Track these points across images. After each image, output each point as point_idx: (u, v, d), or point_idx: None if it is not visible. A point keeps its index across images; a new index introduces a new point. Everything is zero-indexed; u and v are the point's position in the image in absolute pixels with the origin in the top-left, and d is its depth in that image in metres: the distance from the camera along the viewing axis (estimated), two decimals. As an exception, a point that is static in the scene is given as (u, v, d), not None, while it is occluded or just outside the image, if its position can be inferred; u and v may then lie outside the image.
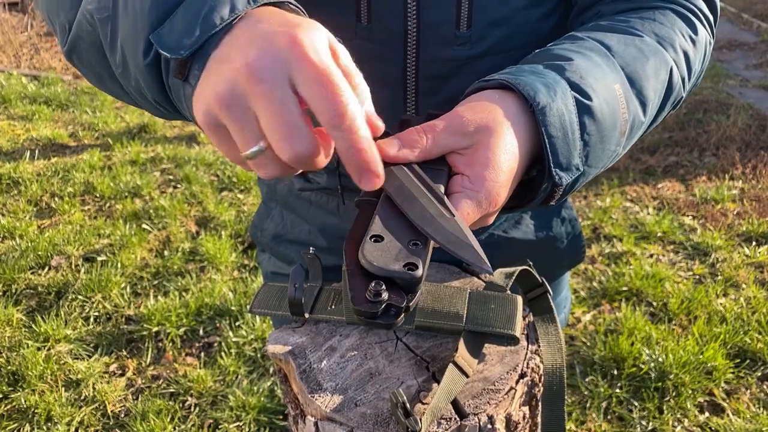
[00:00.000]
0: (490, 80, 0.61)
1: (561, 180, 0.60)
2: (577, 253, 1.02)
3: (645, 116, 0.69)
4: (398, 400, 0.52)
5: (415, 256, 0.50)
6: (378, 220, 0.53)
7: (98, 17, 0.57)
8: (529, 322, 0.69)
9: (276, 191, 1.01)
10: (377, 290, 0.48)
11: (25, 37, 6.40)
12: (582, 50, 0.66)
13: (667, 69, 0.70)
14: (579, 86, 0.61)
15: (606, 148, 0.64)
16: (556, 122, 0.58)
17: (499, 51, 0.77)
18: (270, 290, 0.73)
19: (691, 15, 0.75)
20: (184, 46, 0.50)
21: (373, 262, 0.49)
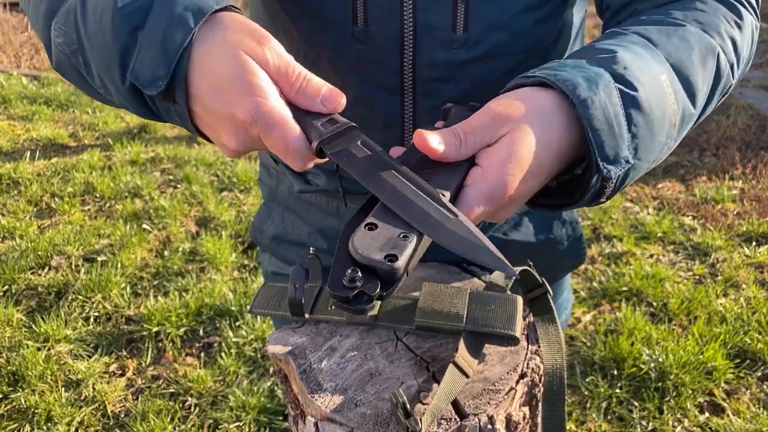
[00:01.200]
0: (530, 77, 0.61)
1: (610, 173, 0.59)
2: (577, 256, 1.02)
3: (695, 106, 0.67)
4: (398, 400, 0.52)
5: (398, 249, 0.51)
6: (378, 208, 0.54)
7: (68, 50, 0.60)
8: (529, 323, 0.69)
9: (277, 193, 1.01)
10: (352, 276, 0.50)
11: (26, 37, 6.40)
12: (624, 43, 0.65)
13: (714, 56, 0.68)
14: (623, 77, 0.60)
15: (656, 140, 0.63)
16: (600, 115, 0.57)
17: (496, 54, 0.77)
18: (270, 290, 0.73)
19: (734, 0, 0.73)
20: (160, 77, 0.55)
21: (358, 249, 0.50)
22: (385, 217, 0.53)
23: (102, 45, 0.57)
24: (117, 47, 0.56)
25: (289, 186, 0.96)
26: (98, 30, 0.57)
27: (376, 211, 0.54)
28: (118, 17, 0.55)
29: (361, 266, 0.50)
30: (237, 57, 0.54)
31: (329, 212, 0.93)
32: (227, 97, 0.55)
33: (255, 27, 0.57)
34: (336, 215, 0.93)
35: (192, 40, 0.55)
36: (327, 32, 0.77)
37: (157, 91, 0.55)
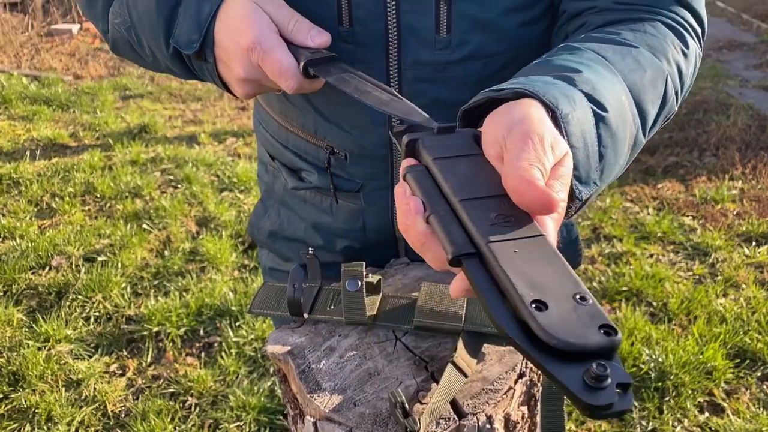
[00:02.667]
0: (503, 89, 0.56)
1: (581, 194, 0.55)
2: (573, 258, 1.02)
3: (644, 129, 0.66)
4: (397, 399, 0.53)
5: (596, 316, 0.39)
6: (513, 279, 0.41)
7: (123, 28, 0.76)
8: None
9: (273, 189, 1.02)
10: (600, 374, 0.37)
11: (26, 38, 6.40)
12: (585, 61, 0.63)
13: (663, 81, 0.68)
14: (593, 97, 0.58)
15: (617, 161, 0.61)
16: (577, 132, 0.55)
17: (480, 56, 0.77)
18: (269, 290, 0.74)
19: (680, 27, 0.73)
20: (193, 41, 0.70)
21: (569, 339, 0.38)
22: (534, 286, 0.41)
23: (150, 21, 0.72)
24: (162, 21, 0.71)
25: (284, 183, 0.97)
26: (146, 9, 0.72)
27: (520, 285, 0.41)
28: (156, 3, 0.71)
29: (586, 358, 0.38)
30: (246, 4, 0.68)
31: (323, 209, 0.94)
32: (236, 31, 0.67)
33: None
34: (329, 212, 0.94)
35: (217, 10, 0.69)
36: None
37: (192, 51, 0.70)
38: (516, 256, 0.42)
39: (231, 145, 4.15)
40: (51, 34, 6.57)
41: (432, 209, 0.48)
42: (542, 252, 0.43)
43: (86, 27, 6.77)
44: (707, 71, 5.30)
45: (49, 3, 6.97)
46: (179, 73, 0.77)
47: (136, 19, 0.74)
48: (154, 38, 0.73)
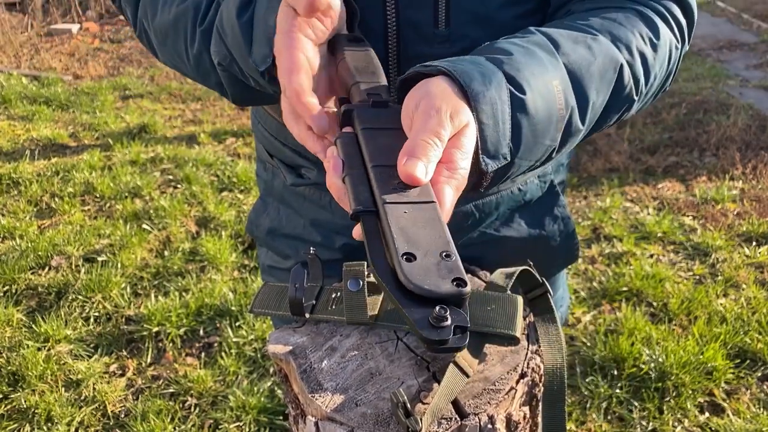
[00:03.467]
0: (430, 66, 0.62)
1: (487, 167, 0.60)
2: (570, 252, 1.02)
3: (586, 114, 0.69)
4: (399, 399, 0.52)
5: (454, 270, 0.47)
6: (395, 234, 0.49)
7: (224, 65, 0.72)
8: (529, 323, 0.69)
9: (272, 187, 1.02)
10: (440, 315, 0.45)
11: (25, 38, 6.40)
12: (527, 45, 0.66)
13: (615, 70, 0.70)
14: (514, 78, 0.62)
15: (539, 142, 0.65)
16: (488, 110, 0.59)
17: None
18: (270, 290, 0.73)
19: (657, 18, 0.75)
20: (265, 57, 0.66)
21: (423, 285, 0.46)
22: (411, 242, 0.49)
23: (239, 48, 0.68)
24: (246, 46, 0.67)
25: (283, 179, 0.97)
26: (234, 40, 0.69)
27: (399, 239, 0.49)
28: (239, 27, 0.68)
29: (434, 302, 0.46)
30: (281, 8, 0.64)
31: (322, 205, 0.94)
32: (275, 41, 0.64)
33: None
34: (328, 208, 0.94)
35: None
36: None
37: (265, 67, 0.65)
38: (404, 216, 0.50)
39: (231, 145, 4.15)
40: (51, 34, 6.57)
41: (348, 171, 0.56)
42: (428, 216, 0.51)
43: (86, 27, 6.78)
44: (707, 71, 5.30)
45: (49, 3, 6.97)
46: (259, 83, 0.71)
47: (231, 49, 0.70)
48: (246, 65, 0.69)
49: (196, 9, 0.75)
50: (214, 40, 0.73)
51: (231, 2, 0.70)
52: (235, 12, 0.68)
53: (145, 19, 0.82)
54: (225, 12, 0.71)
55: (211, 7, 0.74)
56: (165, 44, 0.81)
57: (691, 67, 5.40)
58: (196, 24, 0.74)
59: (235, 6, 0.69)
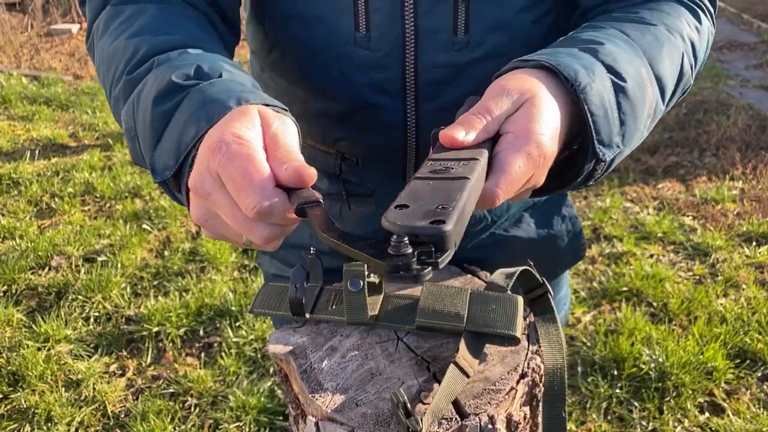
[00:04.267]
0: (529, 60, 0.63)
1: (605, 156, 0.62)
2: (577, 251, 1.03)
3: (664, 99, 0.71)
4: (399, 400, 0.52)
5: (443, 215, 0.45)
6: (402, 194, 0.50)
7: (129, 137, 0.66)
8: (529, 323, 0.69)
9: None
10: (399, 242, 0.44)
11: (25, 38, 6.40)
12: (608, 36, 0.68)
13: (679, 56, 0.72)
14: (614, 68, 0.63)
15: (638, 127, 0.66)
16: (597, 101, 0.60)
17: (497, 55, 0.77)
18: (271, 290, 0.73)
19: (695, 6, 0.78)
20: (169, 167, 0.58)
21: (397, 221, 0.45)
22: (413, 197, 0.49)
23: (145, 134, 0.62)
24: (152, 139, 0.61)
25: None
26: (143, 122, 0.62)
27: (402, 195, 0.49)
28: (153, 117, 0.61)
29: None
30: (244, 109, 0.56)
31: (332, 214, 0.93)
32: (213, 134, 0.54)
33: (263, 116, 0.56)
34: (338, 218, 0.93)
35: (204, 135, 0.56)
36: (331, 38, 0.78)
37: (161, 179, 0.59)
38: (424, 185, 0.51)
39: (231, 145, 4.15)
40: (51, 34, 6.57)
41: None
42: (450, 185, 0.50)
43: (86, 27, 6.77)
44: (707, 71, 5.29)
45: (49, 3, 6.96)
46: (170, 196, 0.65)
47: (138, 130, 0.64)
48: (147, 152, 0.62)
49: (133, 53, 0.68)
50: (127, 108, 0.66)
51: (157, 80, 0.62)
52: (154, 97, 0.61)
53: (96, 34, 0.76)
54: (148, 86, 0.63)
55: (148, 60, 0.66)
56: (99, 68, 0.75)
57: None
58: (125, 70, 0.68)
59: (157, 89, 0.61)
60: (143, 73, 0.65)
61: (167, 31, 0.69)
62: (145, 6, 0.72)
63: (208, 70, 0.62)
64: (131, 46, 0.68)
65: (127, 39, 0.69)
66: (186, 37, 0.68)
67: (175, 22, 0.71)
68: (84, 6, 0.81)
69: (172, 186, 0.61)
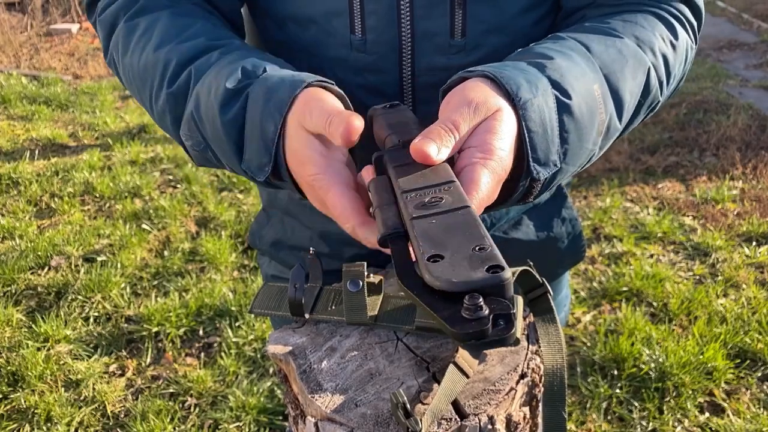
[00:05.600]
0: (474, 71, 0.61)
1: (539, 175, 0.60)
2: (577, 253, 1.02)
3: (621, 117, 0.69)
4: (399, 400, 0.52)
5: (493, 259, 0.42)
6: (420, 241, 0.45)
7: (199, 149, 0.70)
8: (529, 323, 0.68)
9: (276, 198, 1.01)
10: (475, 304, 0.39)
11: (25, 37, 6.40)
12: (563, 49, 0.66)
13: (644, 72, 0.70)
14: (559, 84, 0.61)
15: (583, 146, 0.64)
16: (537, 118, 0.59)
17: (494, 58, 0.76)
18: (270, 291, 0.73)
19: (673, 20, 0.75)
20: (264, 165, 0.63)
21: (452, 278, 0.41)
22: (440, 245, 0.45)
23: (220, 144, 0.66)
24: (231, 144, 0.65)
25: (290, 192, 0.96)
26: (214, 134, 0.66)
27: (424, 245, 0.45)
28: (226, 126, 0.64)
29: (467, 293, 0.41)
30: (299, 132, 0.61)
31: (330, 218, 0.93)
32: (298, 163, 0.61)
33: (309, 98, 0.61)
34: None
35: (283, 126, 0.61)
36: (326, 41, 0.78)
37: (264, 177, 0.63)
38: (432, 225, 0.47)
39: (231, 145, 4.15)
40: (50, 33, 6.57)
41: (377, 205, 0.54)
42: (461, 220, 0.47)
43: (85, 27, 6.77)
44: (707, 71, 5.29)
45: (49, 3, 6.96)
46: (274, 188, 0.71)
47: (210, 139, 0.68)
48: (229, 162, 0.67)
49: (165, 66, 0.70)
50: (187, 125, 0.69)
51: (212, 92, 0.65)
52: (218, 107, 0.64)
53: (116, 52, 0.78)
54: (204, 100, 0.66)
55: (183, 71, 0.69)
56: (131, 84, 0.77)
57: (692, 67, 5.40)
58: (164, 84, 0.70)
59: (217, 100, 0.65)
60: (183, 85, 0.69)
61: (188, 37, 0.71)
62: (155, 15, 0.74)
63: (252, 68, 0.66)
64: (161, 59, 0.70)
65: (155, 52, 0.71)
66: (207, 38, 0.71)
67: (191, 24, 0.73)
68: (90, 14, 0.83)
69: (274, 179, 0.65)
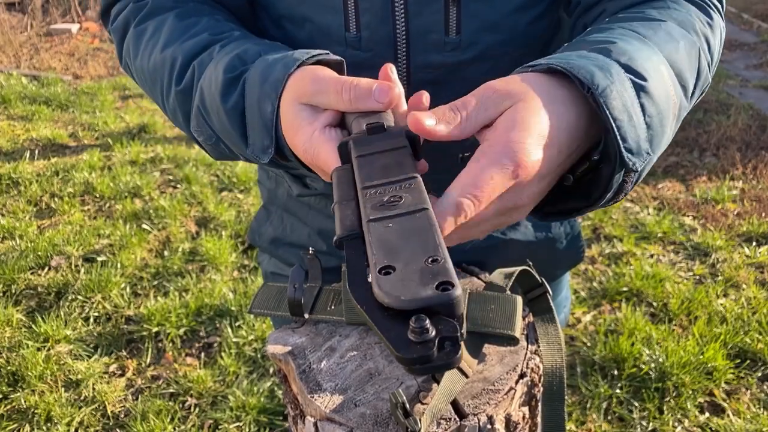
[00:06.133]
0: (537, 65, 0.56)
1: (635, 165, 0.55)
2: (576, 254, 1.02)
3: (687, 98, 0.65)
4: (398, 400, 0.52)
5: (443, 275, 0.39)
6: (375, 250, 0.43)
7: (211, 142, 0.72)
8: (528, 323, 0.68)
9: (276, 195, 1.01)
10: (421, 326, 0.37)
11: (25, 37, 6.40)
12: (618, 36, 0.61)
13: (696, 52, 0.66)
14: (631, 67, 0.57)
15: (665, 131, 0.60)
16: (619, 104, 0.53)
17: (490, 56, 0.76)
18: (269, 291, 0.73)
19: (703, 3, 0.73)
20: (267, 146, 0.64)
21: (400, 296, 0.38)
22: (392, 255, 0.42)
23: (228, 134, 0.67)
24: (236, 134, 0.66)
25: (288, 189, 0.96)
26: (221, 124, 0.67)
27: (378, 254, 0.42)
28: (225, 113, 0.65)
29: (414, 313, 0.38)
30: (290, 106, 0.61)
31: (328, 214, 0.93)
32: (290, 138, 0.62)
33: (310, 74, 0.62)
34: (330, 216, 0.93)
35: (278, 107, 0.62)
36: (321, 39, 0.78)
37: (269, 158, 0.64)
38: (388, 230, 0.44)
39: (231, 145, 4.15)
40: (50, 33, 6.57)
41: (337, 201, 0.50)
42: (419, 225, 0.44)
43: (85, 27, 6.78)
44: (707, 71, 5.29)
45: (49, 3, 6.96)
46: (274, 170, 0.74)
47: (219, 131, 0.69)
48: (240, 151, 0.69)
49: (172, 64, 0.72)
50: (196, 120, 0.71)
51: (212, 83, 0.67)
52: (219, 96, 0.66)
53: (128, 57, 0.81)
54: (207, 92, 0.68)
55: (188, 67, 0.71)
56: (145, 86, 0.80)
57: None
58: (172, 82, 0.72)
59: (218, 89, 0.66)
60: (189, 81, 0.71)
61: (192, 34, 0.73)
62: (163, 17, 0.76)
63: (248, 54, 0.67)
64: (168, 58, 0.72)
65: (162, 52, 0.73)
66: (210, 33, 0.73)
67: (196, 22, 0.75)
68: (106, 23, 0.86)
69: (280, 160, 0.66)
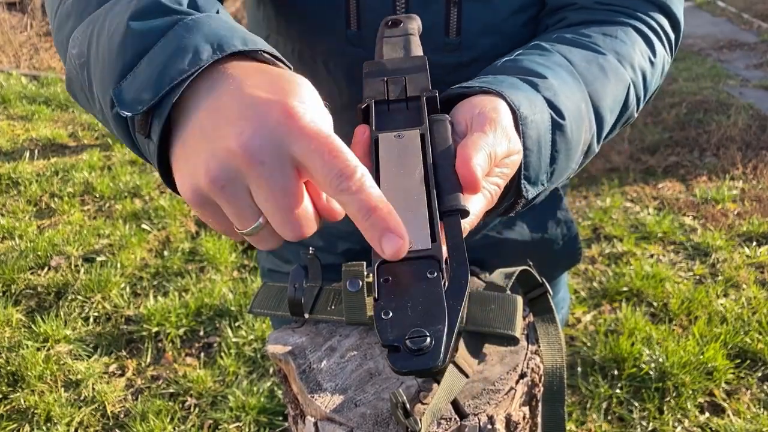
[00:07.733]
0: (472, 87, 0.59)
1: (528, 193, 0.59)
2: (573, 255, 1.02)
3: (600, 136, 0.69)
4: (398, 400, 0.52)
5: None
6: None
7: (78, 62, 0.55)
8: (529, 323, 0.68)
9: None
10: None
11: (25, 37, 6.40)
12: (552, 66, 0.65)
13: (624, 89, 0.70)
14: (553, 103, 0.61)
15: (569, 166, 0.64)
16: (534, 135, 0.58)
17: (488, 57, 0.77)
18: (269, 290, 0.73)
19: (651, 34, 0.75)
20: (143, 101, 0.47)
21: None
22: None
23: (106, 61, 0.51)
24: (119, 65, 0.50)
25: None
26: (107, 46, 0.51)
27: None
28: (129, 37, 0.50)
29: None
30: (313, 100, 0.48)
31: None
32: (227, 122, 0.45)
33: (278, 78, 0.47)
34: None
35: (196, 74, 0.47)
36: (321, 34, 0.78)
37: (132, 114, 0.47)
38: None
39: (231, 145, 4.15)
40: (50, 33, 6.56)
41: None
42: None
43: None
44: (707, 71, 5.29)
45: (49, 3, 6.96)
46: (123, 140, 0.54)
47: (93, 55, 0.53)
48: (103, 84, 0.52)
49: None
50: (83, 25, 0.55)
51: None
52: (131, 12, 0.51)
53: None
54: (119, 4, 0.53)
55: None
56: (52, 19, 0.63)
57: (692, 67, 5.40)
58: None
59: (135, 5, 0.51)
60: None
61: None
62: None
63: (203, 3, 0.53)
64: None
65: None
66: None
67: None
68: None
69: (138, 127, 0.49)
